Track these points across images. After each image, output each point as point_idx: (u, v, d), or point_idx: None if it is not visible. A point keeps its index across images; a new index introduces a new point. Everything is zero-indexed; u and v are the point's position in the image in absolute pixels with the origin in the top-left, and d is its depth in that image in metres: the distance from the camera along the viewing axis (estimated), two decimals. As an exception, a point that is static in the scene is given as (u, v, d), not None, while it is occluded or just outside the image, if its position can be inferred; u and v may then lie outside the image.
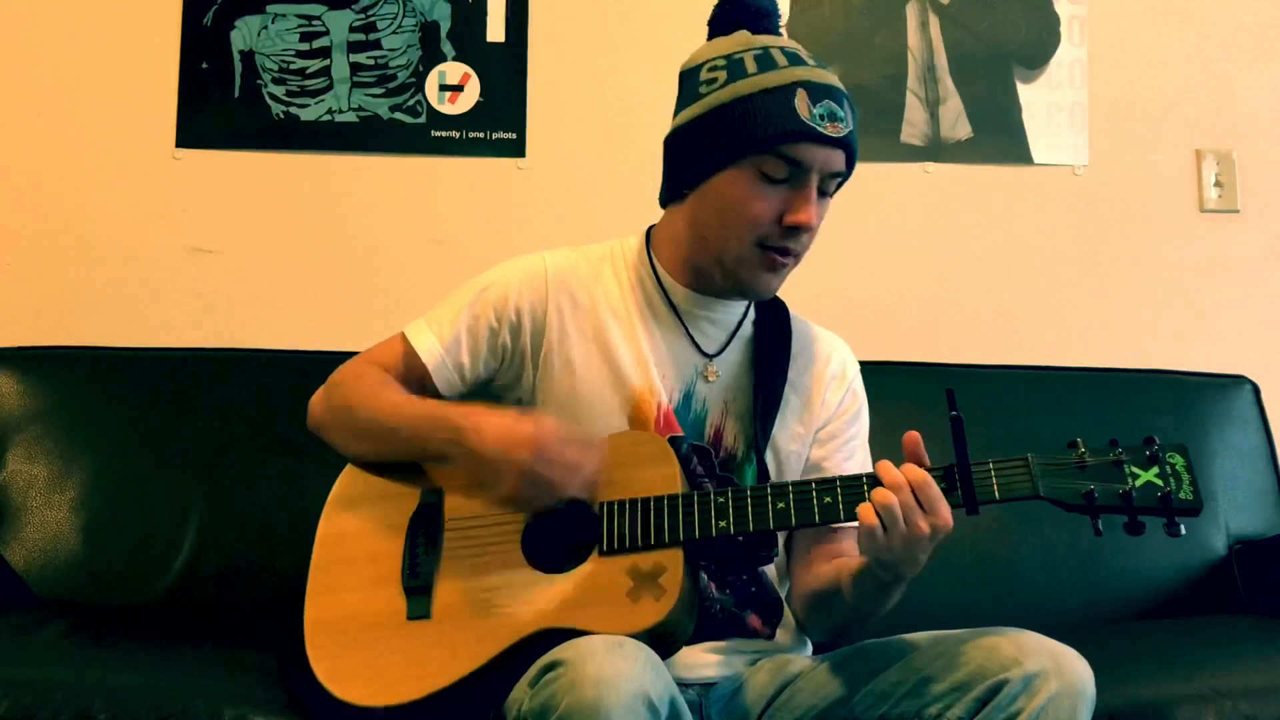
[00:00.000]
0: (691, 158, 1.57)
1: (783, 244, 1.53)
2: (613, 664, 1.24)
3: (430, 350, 1.63)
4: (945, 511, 1.36)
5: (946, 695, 1.38)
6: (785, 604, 1.67)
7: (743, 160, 1.51)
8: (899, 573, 1.42)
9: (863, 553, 1.42)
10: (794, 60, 1.53)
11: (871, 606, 1.54)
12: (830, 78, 1.53)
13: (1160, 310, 2.69)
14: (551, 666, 1.28)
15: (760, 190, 1.51)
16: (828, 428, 1.69)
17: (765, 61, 1.53)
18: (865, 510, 1.37)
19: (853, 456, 1.69)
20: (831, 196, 1.57)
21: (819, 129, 1.48)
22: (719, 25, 1.63)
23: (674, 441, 1.57)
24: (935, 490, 1.36)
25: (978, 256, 2.69)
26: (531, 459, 1.43)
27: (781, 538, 1.68)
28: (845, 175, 1.56)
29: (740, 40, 1.57)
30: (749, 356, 1.67)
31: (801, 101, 1.49)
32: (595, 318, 1.64)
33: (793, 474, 1.66)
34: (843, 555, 1.59)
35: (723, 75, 1.54)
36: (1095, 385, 2.44)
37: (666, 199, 1.66)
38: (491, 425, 1.47)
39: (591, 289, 1.65)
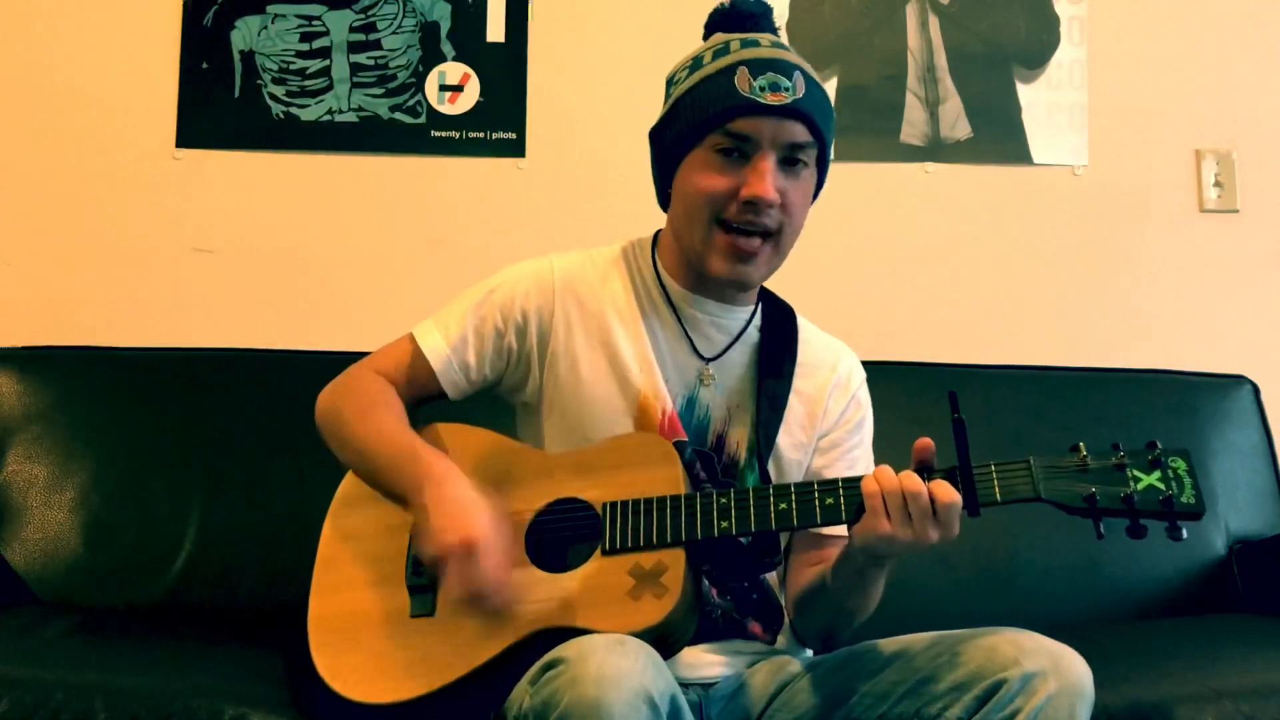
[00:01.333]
0: (662, 157, 1.61)
1: (743, 221, 1.53)
2: (614, 661, 1.25)
3: (436, 351, 1.63)
4: (955, 530, 1.37)
5: (945, 695, 1.38)
6: (785, 612, 1.67)
7: (697, 146, 1.54)
8: (876, 559, 1.44)
9: (850, 538, 1.43)
10: (747, 45, 1.55)
11: (854, 601, 1.54)
12: (780, 54, 1.54)
13: (1160, 310, 2.69)
14: (553, 664, 1.29)
15: (714, 168, 1.53)
16: (829, 436, 1.68)
17: (720, 52, 1.56)
18: (871, 488, 1.38)
19: (854, 466, 1.68)
20: (811, 169, 1.56)
21: (758, 100, 1.50)
22: (709, 32, 1.65)
23: (677, 446, 1.56)
24: (956, 511, 1.36)
25: (978, 256, 2.69)
26: (449, 554, 1.41)
27: (784, 544, 1.68)
28: (815, 145, 1.55)
29: (712, 41, 1.60)
30: (754, 363, 1.66)
31: (742, 77, 1.51)
32: (602, 321, 1.64)
33: (794, 481, 1.65)
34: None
35: (685, 74, 1.58)
36: (1095, 385, 2.44)
37: (661, 198, 1.67)
38: (448, 497, 1.45)
39: (598, 292, 1.65)
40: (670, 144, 1.58)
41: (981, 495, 1.38)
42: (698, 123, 1.53)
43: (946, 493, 1.35)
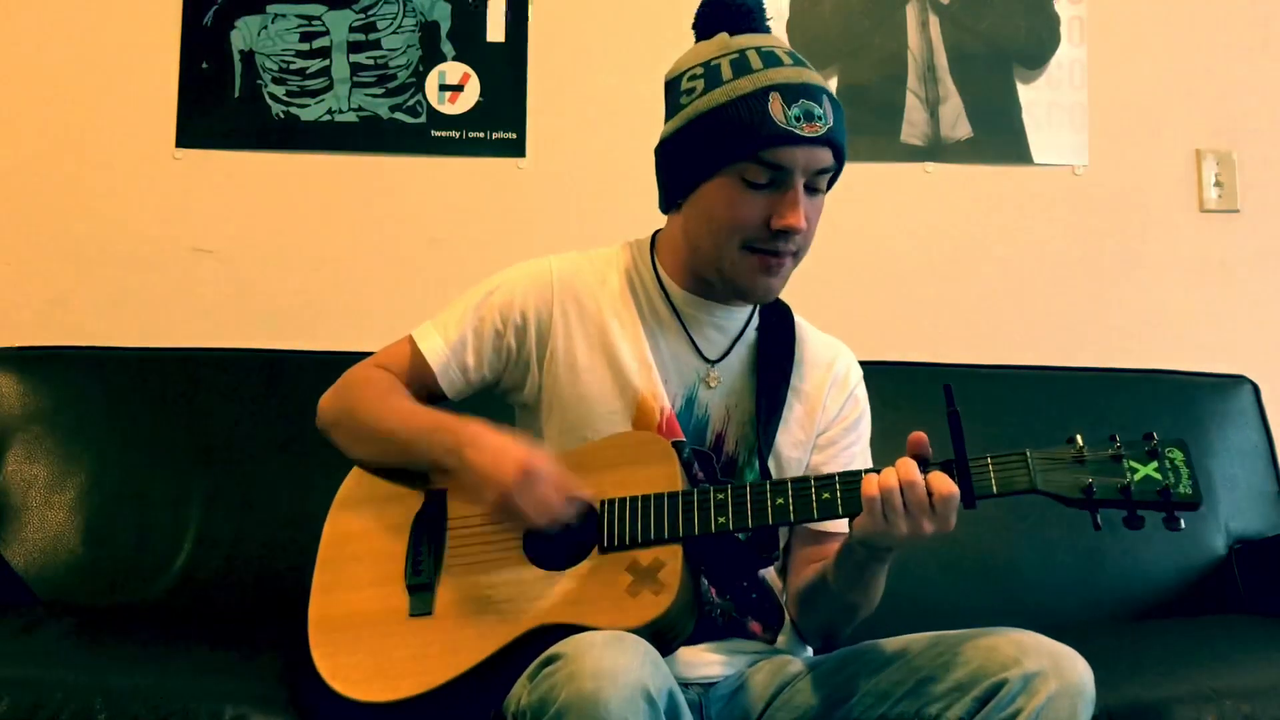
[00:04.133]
0: (678, 169, 1.58)
1: (773, 246, 1.53)
2: (611, 657, 1.25)
3: (436, 352, 1.63)
4: (952, 523, 1.37)
5: (946, 695, 1.38)
6: (785, 610, 1.68)
7: (725, 169, 1.51)
8: (877, 554, 1.45)
9: (851, 530, 1.44)
10: (769, 61, 1.52)
11: (854, 597, 1.54)
12: (806, 75, 1.52)
13: (1160, 310, 2.69)
14: (550, 660, 1.29)
15: (745, 196, 1.51)
16: (827, 433, 1.69)
17: (740, 66, 1.52)
18: (869, 487, 1.38)
19: (851, 463, 1.68)
20: (825, 192, 1.57)
21: (795, 131, 1.47)
22: (701, 28, 1.62)
23: (675, 446, 1.57)
24: (954, 504, 1.36)
25: (978, 256, 2.69)
26: (512, 485, 1.44)
27: (782, 541, 1.68)
28: (835, 169, 1.55)
29: (718, 45, 1.57)
30: (752, 362, 1.66)
31: (776, 105, 1.48)
32: (600, 322, 1.64)
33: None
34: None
35: (700, 84, 1.54)
36: (1095, 385, 2.44)
37: (665, 207, 1.66)
38: (489, 442, 1.48)
39: (597, 293, 1.65)
40: (688, 162, 1.55)
41: (978, 487, 1.38)
42: (728, 149, 1.50)
43: (944, 485, 1.36)
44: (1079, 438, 1.39)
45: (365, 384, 1.65)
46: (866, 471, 1.42)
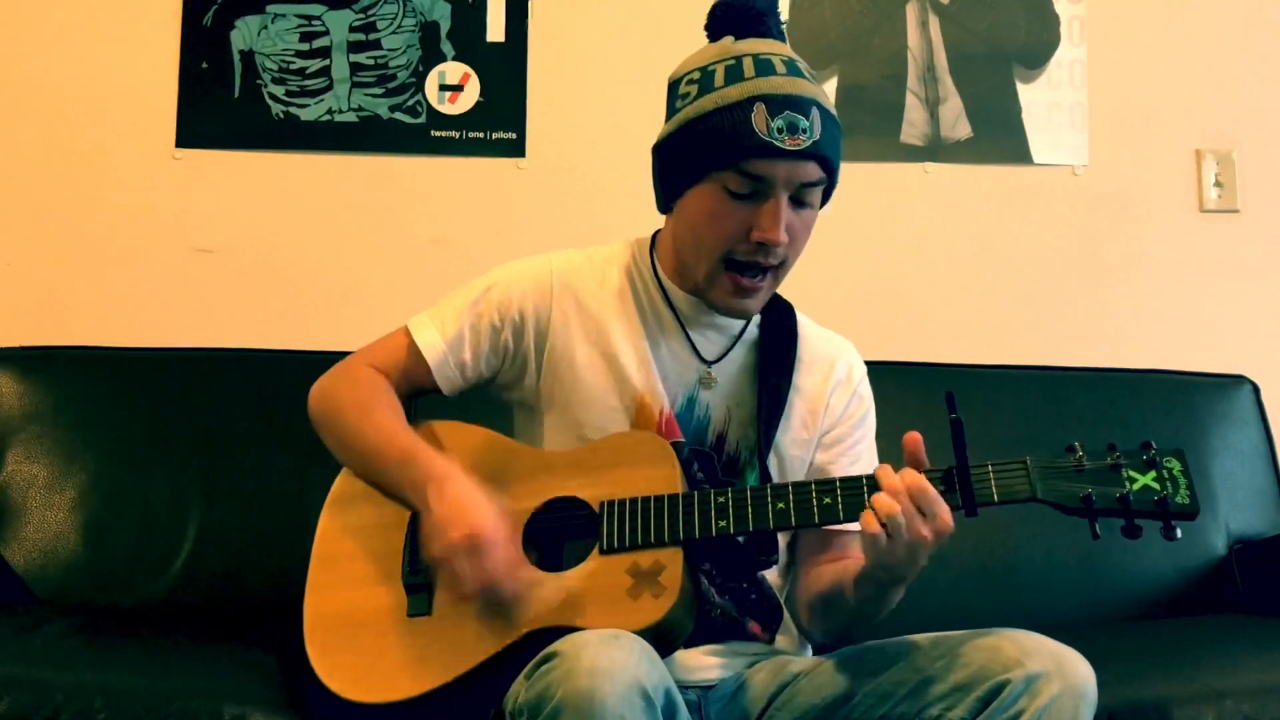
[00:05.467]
0: (668, 173, 1.58)
1: (753, 259, 1.52)
2: (608, 654, 1.25)
3: (433, 347, 1.63)
4: (946, 515, 1.36)
5: (948, 696, 1.38)
6: (784, 609, 1.67)
7: (708, 177, 1.51)
8: (899, 574, 1.43)
9: (866, 557, 1.42)
10: (762, 70, 1.51)
11: (873, 609, 1.53)
12: (797, 86, 1.50)
13: (1160, 310, 2.69)
14: (547, 658, 1.29)
15: (726, 206, 1.50)
16: (833, 432, 1.68)
17: (733, 73, 1.51)
18: (868, 519, 1.37)
19: (858, 461, 1.68)
20: (816, 206, 1.55)
21: (776, 144, 1.46)
22: (711, 30, 1.61)
23: (675, 447, 1.56)
24: (933, 494, 1.36)
25: (978, 256, 2.69)
26: (457, 548, 1.43)
27: (783, 541, 1.67)
28: (825, 182, 1.54)
29: (720, 49, 1.56)
30: (753, 361, 1.66)
31: (759, 116, 1.47)
32: (599, 321, 1.63)
33: (796, 478, 1.64)
34: (846, 559, 1.59)
35: (695, 89, 1.53)
36: (1095, 385, 2.44)
37: (661, 208, 1.66)
38: (451, 493, 1.47)
39: (596, 292, 1.65)
40: (678, 166, 1.55)
41: (979, 495, 1.38)
42: (711, 157, 1.50)
43: (913, 479, 1.35)
44: (1078, 445, 1.40)
45: (353, 385, 1.64)
46: (867, 481, 1.41)
